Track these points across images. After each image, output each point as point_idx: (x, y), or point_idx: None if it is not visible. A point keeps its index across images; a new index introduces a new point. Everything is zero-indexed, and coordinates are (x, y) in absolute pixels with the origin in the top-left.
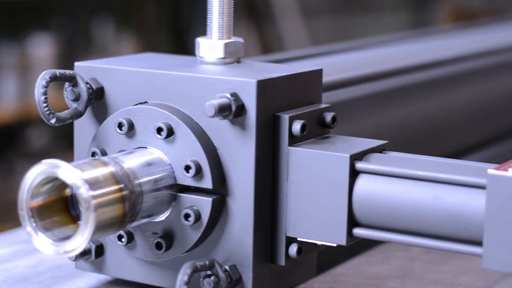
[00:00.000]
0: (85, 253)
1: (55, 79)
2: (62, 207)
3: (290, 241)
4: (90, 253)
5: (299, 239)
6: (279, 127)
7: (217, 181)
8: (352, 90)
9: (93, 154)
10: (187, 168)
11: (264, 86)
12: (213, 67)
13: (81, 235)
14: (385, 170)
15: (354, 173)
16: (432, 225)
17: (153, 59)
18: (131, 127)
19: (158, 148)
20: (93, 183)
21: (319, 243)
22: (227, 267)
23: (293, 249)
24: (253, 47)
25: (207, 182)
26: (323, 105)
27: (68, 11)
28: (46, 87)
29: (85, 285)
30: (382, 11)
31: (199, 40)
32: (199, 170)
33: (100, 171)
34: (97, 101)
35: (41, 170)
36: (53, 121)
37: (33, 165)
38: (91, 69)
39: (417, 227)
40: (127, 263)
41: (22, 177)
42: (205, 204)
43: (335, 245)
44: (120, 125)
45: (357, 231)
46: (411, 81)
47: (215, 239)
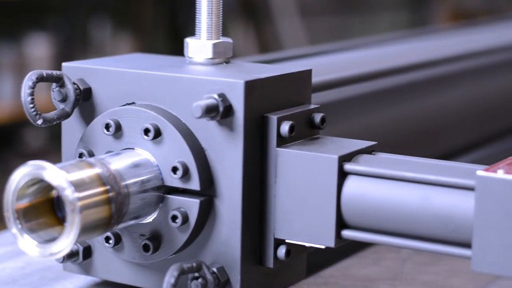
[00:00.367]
0: (73, 255)
1: (41, 79)
2: (48, 209)
3: (278, 243)
4: (77, 255)
5: (287, 241)
6: (267, 128)
7: (205, 183)
8: (342, 90)
9: (81, 155)
10: (175, 169)
11: (252, 86)
12: (201, 68)
13: (67, 237)
14: (374, 171)
15: (342, 175)
16: (421, 227)
17: (141, 59)
18: (118, 128)
19: (145, 149)
20: (79, 185)
21: (307, 245)
22: (214, 269)
23: (282, 251)
24: (251, 47)
25: (195, 183)
26: (312, 106)
27: (65, 11)
28: (32, 88)
29: (73, 287)
30: (380, 11)
31: (188, 40)
32: (187, 171)
33: (86, 173)
34: (85, 101)
35: (26, 171)
36: (39, 122)
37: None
38: (78, 70)
39: (405, 229)
40: (115, 265)
41: None
42: (193, 205)
43: (323, 247)
44: (107, 126)
45: (346, 233)
46: (402, 82)
47: (203, 241)
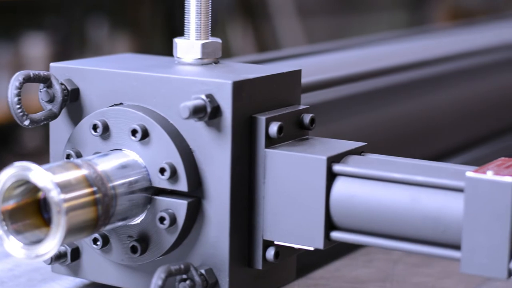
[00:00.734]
0: (61, 257)
1: (28, 80)
2: (35, 210)
3: (267, 244)
4: (66, 256)
5: (276, 242)
6: (255, 128)
7: (193, 184)
8: (332, 91)
9: (68, 156)
10: (162, 170)
11: (240, 87)
12: (190, 68)
13: (53, 238)
14: (363, 172)
15: (331, 176)
16: (410, 228)
17: (130, 59)
18: (106, 129)
19: (133, 150)
20: (65, 186)
21: (296, 246)
22: (203, 271)
23: (271, 252)
24: (249, 46)
25: (183, 184)
26: (302, 107)
27: (62, 10)
28: (19, 88)
29: None
30: (379, 11)
31: (177, 40)
32: (174, 172)
33: (72, 174)
34: (73, 102)
35: (12, 173)
36: (26, 122)
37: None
38: (66, 70)
39: (395, 230)
40: (103, 267)
41: None
42: (180, 207)
43: (312, 249)
44: (95, 127)
45: (335, 235)
46: (392, 82)
47: (191, 243)
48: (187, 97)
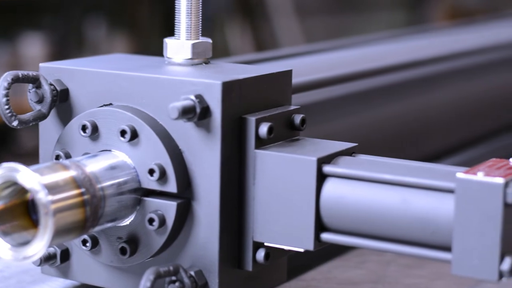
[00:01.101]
0: (50, 258)
1: (17, 80)
2: (23, 211)
3: (257, 246)
4: (55, 257)
5: (266, 244)
6: (245, 129)
7: (182, 185)
8: (323, 91)
9: (57, 157)
10: (151, 171)
11: (229, 87)
12: (180, 68)
13: (40, 240)
14: (353, 173)
15: (321, 177)
16: (400, 230)
17: (120, 60)
18: (95, 129)
19: (122, 151)
20: (53, 188)
21: (286, 248)
22: (192, 273)
23: (261, 254)
24: (247, 46)
25: (172, 185)
26: (292, 107)
27: (60, 10)
28: (8, 89)
29: None
30: (378, 10)
31: (167, 40)
32: (164, 173)
33: (60, 175)
34: (62, 103)
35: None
36: (15, 123)
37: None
38: (55, 70)
39: (385, 232)
40: (92, 268)
41: None
42: (170, 208)
43: (302, 250)
44: (84, 128)
45: (325, 236)
46: (383, 83)
47: (180, 244)
48: (176, 98)
